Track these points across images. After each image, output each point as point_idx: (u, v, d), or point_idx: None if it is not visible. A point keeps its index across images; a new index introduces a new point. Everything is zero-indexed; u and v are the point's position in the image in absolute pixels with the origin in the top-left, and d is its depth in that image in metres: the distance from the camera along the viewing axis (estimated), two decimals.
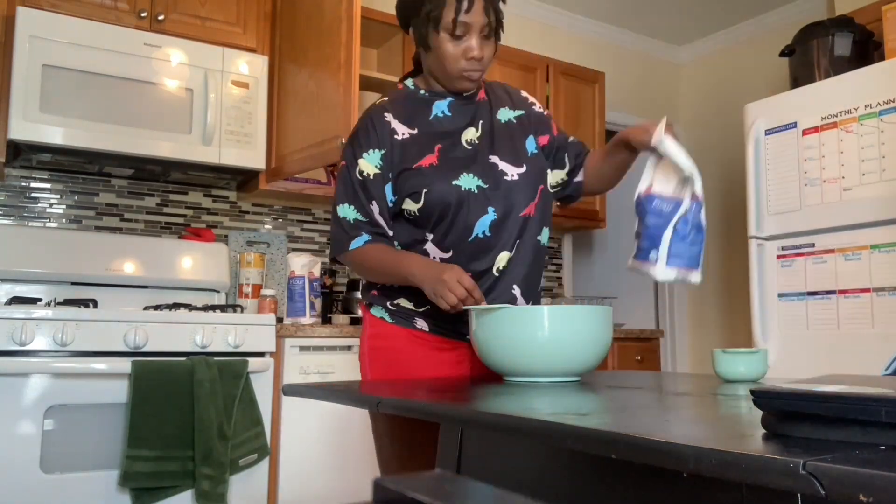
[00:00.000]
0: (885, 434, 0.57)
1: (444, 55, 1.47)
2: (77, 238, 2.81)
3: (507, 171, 1.55)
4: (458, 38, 1.46)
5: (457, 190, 1.48)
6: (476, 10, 1.44)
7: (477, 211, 1.50)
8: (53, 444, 2.21)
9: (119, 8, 2.74)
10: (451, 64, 1.48)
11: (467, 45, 1.46)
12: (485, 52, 1.49)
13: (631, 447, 0.63)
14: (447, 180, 1.49)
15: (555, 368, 1.28)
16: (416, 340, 1.54)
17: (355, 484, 2.69)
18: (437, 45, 1.47)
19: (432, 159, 1.51)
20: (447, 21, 1.44)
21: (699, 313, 4.56)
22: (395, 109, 1.55)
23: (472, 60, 1.48)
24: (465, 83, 1.52)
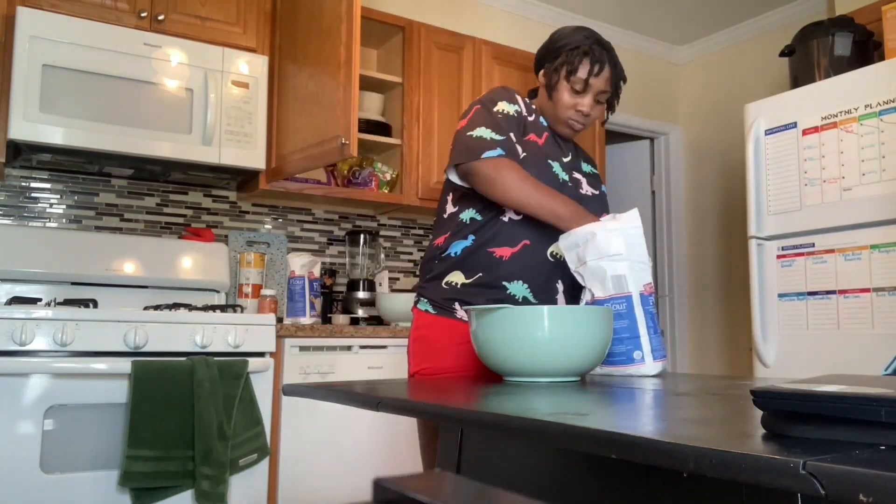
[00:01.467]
0: (885, 434, 0.57)
1: (560, 101, 1.69)
2: (77, 238, 2.82)
3: (583, 185, 1.76)
4: (578, 93, 1.68)
5: (549, 167, 1.65)
6: (603, 77, 1.69)
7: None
8: (53, 444, 2.21)
9: (119, 8, 2.74)
10: (562, 110, 1.70)
11: (582, 100, 1.69)
12: (593, 112, 1.71)
13: (631, 447, 0.63)
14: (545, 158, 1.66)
15: (555, 368, 1.28)
16: (455, 329, 1.62)
17: (355, 484, 2.69)
18: (559, 91, 1.68)
19: (540, 141, 1.70)
20: (577, 77, 1.67)
21: (699, 313, 4.56)
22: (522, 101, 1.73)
23: (580, 114, 1.69)
24: (566, 130, 1.73)
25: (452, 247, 1.66)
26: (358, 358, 2.76)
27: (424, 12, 3.82)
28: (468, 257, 1.64)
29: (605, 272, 1.45)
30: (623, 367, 1.44)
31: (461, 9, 3.97)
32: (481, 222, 1.64)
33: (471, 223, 1.65)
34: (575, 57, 1.66)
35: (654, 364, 1.42)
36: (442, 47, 3.44)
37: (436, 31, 3.43)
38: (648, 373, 1.42)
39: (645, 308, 1.43)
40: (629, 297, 1.43)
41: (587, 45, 1.67)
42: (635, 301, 1.43)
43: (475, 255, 1.64)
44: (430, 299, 1.67)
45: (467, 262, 1.64)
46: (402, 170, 3.34)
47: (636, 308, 1.43)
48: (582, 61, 1.66)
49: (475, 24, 3.99)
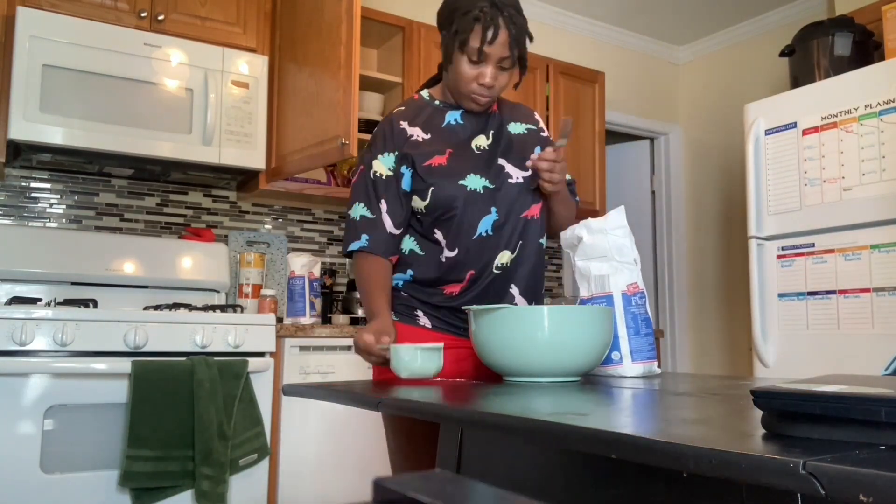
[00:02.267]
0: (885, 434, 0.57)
1: (460, 74, 1.55)
2: (77, 238, 2.81)
3: (512, 174, 1.62)
4: (476, 63, 1.53)
5: (462, 189, 1.55)
6: (499, 42, 1.51)
7: (480, 210, 1.56)
8: (53, 444, 2.21)
9: (119, 8, 2.74)
10: (463, 84, 1.56)
11: (482, 70, 1.54)
12: (497, 82, 1.56)
13: (631, 447, 0.63)
14: (454, 180, 1.55)
15: (555, 368, 1.28)
16: (418, 337, 1.57)
17: (355, 484, 2.69)
18: (457, 64, 1.54)
19: (441, 160, 1.58)
20: (470, 47, 1.51)
21: (699, 313, 4.56)
22: (410, 117, 1.63)
23: (482, 87, 1.55)
24: (472, 104, 1.60)
25: (395, 276, 1.63)
26: (358, 358, 2.76)
27: (424, 12, 3.82)
28: (414, 287, 1.60)
29: (590, 272, 1.46)
30: (602, 367, 1.45)
31: None
32: (423, 258, 1.59)
33: (410, 256, 1.61)
34: (465, 24, 1.49)
35: (633, 366, 1.41)
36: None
37: (436, 31, 3.42)
38: (626, 374, 1.42)
39: (627, 308, 1.43)
40: (610, 296, 1.43)
41: (478, 9, 1.49)
42: (616, 301, 1.43)
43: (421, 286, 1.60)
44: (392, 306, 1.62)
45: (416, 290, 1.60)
46: None
47: (616, 308, 1.43)
48: (473, 28, 1.49)
49: None
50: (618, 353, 1.42)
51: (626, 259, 1.45)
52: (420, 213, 1.58)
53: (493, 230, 1.57)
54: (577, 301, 1.52)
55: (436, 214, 1.56)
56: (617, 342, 1.43)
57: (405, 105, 1.67)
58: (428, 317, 1.59)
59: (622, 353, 1.42)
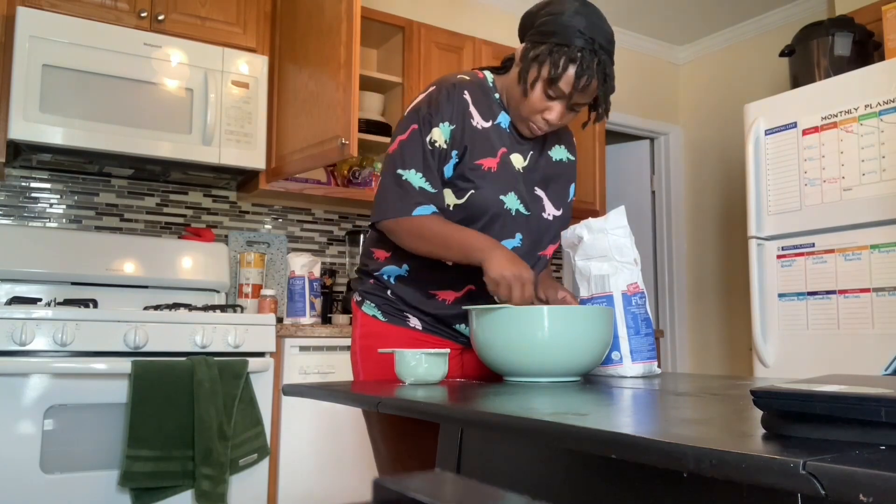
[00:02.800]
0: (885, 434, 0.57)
1: (530, 102, 1.44)
2: (77, 238, 2.82)
3: (547, 208, 1.55)
4: (552, 98, 1.43)
5: (500, 205, 1.46)
6: (587, 91, 1.41)
7: (507, 232, 1.48)
8: (53, 444, 2.21)
9: (119, 8, 2.74)
10: (527, 111, 1.46)
11: (552, 106, 1.44)
12: (562, 122, 1.47)
13: (631, 447, 0.63)
14: (497, 192, 1.46)
15: (555, 368, 1.28)
16: (408, 339, 1.53)
17: (355, 484, 2.69)
18: (531, 90, 1.43)
19: (493, 163, 1.47)
20: (557, 87, 1.40)
21: (699, 313, 4.56)
22: (474, 94, 1.49)
23: (546, 122, 1.46)
24: (525, 130, 1.50)
25: (386, 270, 1.54)
26: None
27: (424, 12, 3.82)
28: (405, 287, 1.52)
29: (590, 272, 1.46)
30: (602, 367, 1.45)
31: (461, 9, 3.97)
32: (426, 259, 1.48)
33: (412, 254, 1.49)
34: (560, 58, 1.37)
35: (634, 366, 1.41)
36: (442, 47, 3.44)
37: (436, 31, 3.43)
38: (627, 374, 1.42)
39: (627, 308, 1.43)
40: (610, 296, 1.43)
41: (577, 49, 1.37)
42: (616, 301, 1.43)
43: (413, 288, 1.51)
44: (378, 304, 1.54)
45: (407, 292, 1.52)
46: None
47: (616, 308, 1.43)
48: (566, 69, 1.38)
49: (475, 24, 3.99)
50: (618, 353, 1.42)
51: (626, 259, 1.45)
52: (447, 207, 1.46)
53: None
54: (578, 301, 1.52)
55: (462, 216, 1.46)
56: (617, 342, 1.43)
57: (470, 77, 1.52)
58: (418, 318, 1.54)
59: (622, 353, 1.42)
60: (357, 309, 1.60)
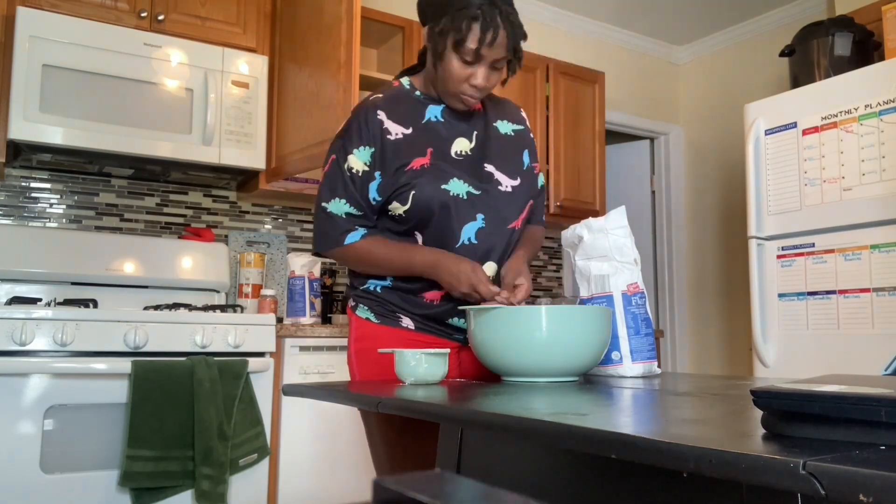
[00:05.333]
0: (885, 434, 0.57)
1: (450, 73, 1.46)
2: (77, 238, 2.81)
3: (502, 181, 1.55)
4: (469, 63, 1.44)
5: (445, 194, 1.47)
6: (497, 44, 1.42)
7: (464, 217, 1.49)
8: (53, 444, 2.21)
9: (119, 8, 2.74)
10: (453, 83, 1.47)
11: (474, 71, 1.45)
12: (489, 82, 1.48)
13: (631, 447, 0.63)
14: (437, 183, 1.47)
15: (553, 368, 1.28)
16: (401, 340, 1.53)
17: (355, 484, 2.69)
18: (447, 61, 1.45)
19: (424, 161, 1.49)
20: (466, 48, 1.42)
21: (699, 313, 4.56)
22: (389, 107, 1.52)
23: (474, 87, 1.47)
24: (458, 104, 1.52)
25: (371, 282, 1.56)
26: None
27: None
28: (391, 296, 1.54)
29: (590, 272, 1.46)
30: (602, 367, 1.45)
31: None
32: None
33: None
34: (462, 21, 1.39)
35: (634, 366, 1.41)
36: None
37: None
38: (627, 374, 1.42)
39: (627, 308, 1.43)
40: (610, 296, 1.43)
41: (475, 6, 1.39)
42: (616, 301, 1.43)
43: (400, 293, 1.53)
44: (370, 306, 1.56)
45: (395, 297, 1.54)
46: None
47: (616, 308, 1.43)
48: (471, 27, 1.39)
49: None
50: (618, 353, 1.42)
51: (626, 259, 1.45)
52: (400, 216, 1.49)
53: (478, 238, 1.50)
54: (578, 301, 1.51)
55: (416, 219, 1.48)
56: (617, 342, 1.43)
57: (383, 93, 1.55)
58: (410, 318, 1.54)
59: (622, 353, 1.42)
60: (351, 313, 1.61)
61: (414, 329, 1.54)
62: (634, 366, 1.42)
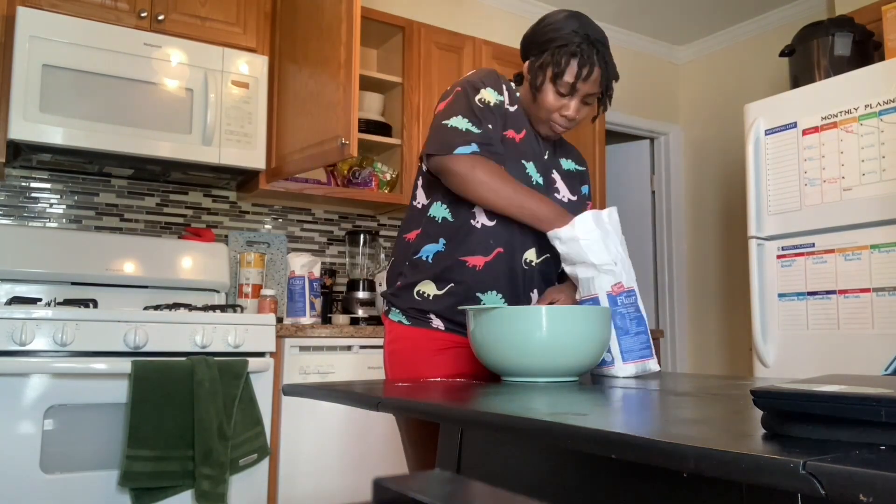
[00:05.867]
0: (885, 434, 0.57)
1: (544, 103, 1.56)
2: (77, 238, 2.81)
3: (560, 189, 1.66)
4: (563, 95, 1.55)
5: (522, 170, 1.57)
6: (592, 80, 1.54)
7: None
8: (53, 444, 2.21)
9: (119, 8, 2.74)
10: (545, 112, 1.58)
11: (567, 103, 1.56)
12: (579, 115, 1.59)
13: (631, 447, 0.63)
14: (519, 160, 1.57)
15: (553, 368, 1.28)
16: (432, 340, 1.57)
17: (355, 484, 2.69)
18: (543, 92, 1.56)
19: (519, 137, 1.60)
20: (563, 81, 1.53)
21: (699, 313, 4.56)
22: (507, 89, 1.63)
23: (564, 118, 1.58)
24: (548, 131, 1.62)
25: (424, 250, 1.58)
26: (358, 358, 2.76)
27: (424, 12, 3.82)
28: (439, 264, 1.56)
29: (577, 276, 1.46)
30: (595, 368, 1.45)
31: (461, 9, 3.97)
32: (454, 224, 1.55)
33: (443, 224, 1.56)
34: (561, 57, 1.51)
35: (625, 366, 1.41)
36: (442, 47, 3.44)
37: (436, 31, 3.43)
38: (618, 374, 1.42)
39: (613, 309, 1.42)
40: (595, 298, 1.43)
41: (575, 45, 1.51)
42: (602, 303, 1.42)
43: (446, 261, 1.55)
44: (403, 309, 1.60)
45: (439, 270, 1.56)
46: (402, 170, 3.34)
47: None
48: (569, 63, 1.51)
49: (475, 24, 3.99)
50: (609, 354, 1.42)
51: (603, 262, 1.43)
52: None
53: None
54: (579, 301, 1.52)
55: None
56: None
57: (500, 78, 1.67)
58: (440, 319, 1.57)
59: (613, 354, 1.42)
60: (385, 318, 1.66)
61: (444, 330, 1.57)
62: (626, 366, 1.41)
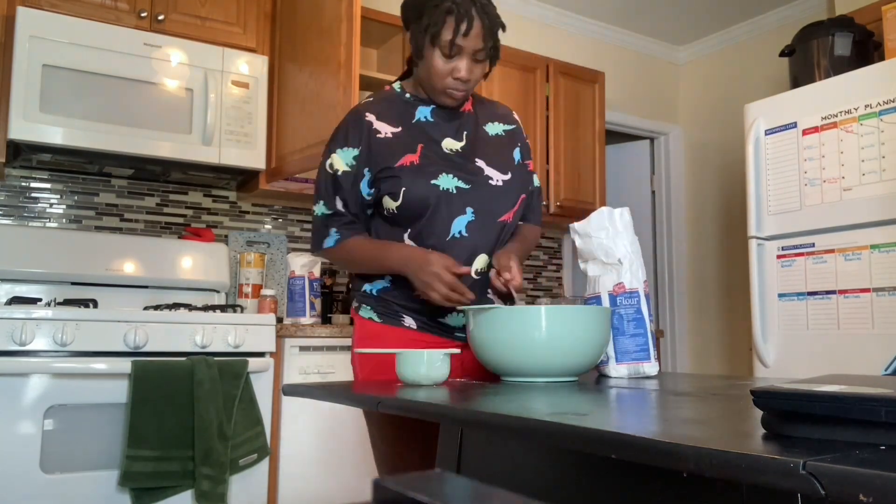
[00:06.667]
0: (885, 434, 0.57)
1: (433, 70, 1.50)
2: (77, 238, 2.81)
3: (492, 175, 1.58)
4: (450, 57, 1.48)
5: (435, 189, 1.51)
6: (473, 34, 1.46)
7: (454, 211, 1.52)
8: (53, 444, 2.21)
9: (119, 8, 2.74)
10: (437, 79, 1.51)
11: (456, 64, 1.49)
12: (473, 74, 1.51)
13: (631, 447, 0.63)
14: (426, 179, 1.51)
15: (552, 369, 1.28)
16: (404, 339, 1.54)
17: (355, 484, 2.69)
18: (429, 58, 1.49)
19: (413, 158, 1.53)
20: (443, 40, 1.46)
21: (699, 313, 4.56)
22: (379, 109, 1.57)
23: (458, 81, 1.50)
24: (447, 100, 1.55)
25: (368, 286, 1.59)
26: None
27: None
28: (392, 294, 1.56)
29: (587, 273, 1.47)
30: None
31: None
32: None
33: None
34: (437, 16, 1.44)
35: (618, 367, 1.41)
36: None
37: None
38: (611, 374, 1.42)
39: (613, 309, 1.42)
40: (598, 297, 1.44)
41: (448, 1, 1.43)
42: (604, 302, 1.43)
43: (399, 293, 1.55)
44: (373, 307, 1.58)
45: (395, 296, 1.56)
46: None
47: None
48: (445, 21, 1.44)
49: None
50: (605, 353, 1.42)
51: (611, 260, 1.45)
52: (391, 213, 1.52)
53: (468, 231, 1.52)
54: (581, 301, 1.52)
55: (408, 214, 1.51)
56: None
57: (374, 97, 1.61)
58: (413, 318, 1.55)
59: (608, 354, 1.43)
60: (355, 314, 1.63)
61: (416, 329, 1.55)
62: (619, 367, 1.42)
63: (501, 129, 1.67)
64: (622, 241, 1.46)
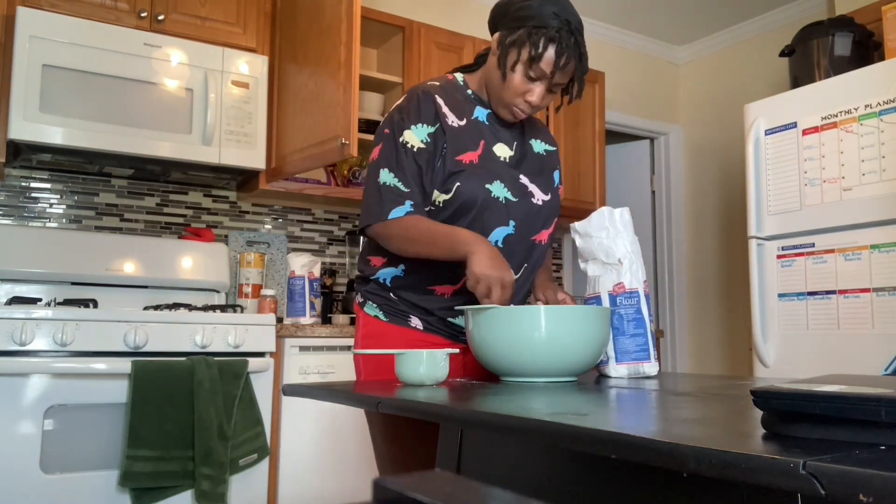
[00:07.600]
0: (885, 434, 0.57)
1: (510, 84, 1.48)
2: (77, 238, 2.81)
3: (535, 193, 1.58)
4: (532, 80, 1.47)
5: (487, 194, 1.49)
6: (566, 70, 1.46)
7: (498, 219, 1.51)
8: (53, 444, 2.21)
9: (119, 8, 2.74)
10: (508, 94, 1.50)
11: (533, 88, 1.48)
12: (543, 102, 1.51)
13: (631, 447, 0.63)
14: (482, 182, 1.49)
15: (552, 369, 1.28)
16: (409, 339, 1.53)
17: (355, 484, 2.69)
18: (510, 74, 1.47)
19: (474, 156, 1.51)
20: (538, 66, 1.44)
21: (699, 313, 4.56)
22: (445, 95, 1.54)
23: (528, 104, 1.50)
24: (508, 115, 1.54)
25: (382, 273, 1.56)
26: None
27: (424, 12, 3.82)
28: (402, 287, 1.54)
29: (588, 273, 1.48)
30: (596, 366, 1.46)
31: (461, 9, 3.97)
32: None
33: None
34: (539, 39, 1.42)
35: (618, 367, 1.41)
36: (442, 47, 3.44)
37: (436, 31, 3.43)
38: (611, 374, 1.42)
39: (612, 309, 1.43)
40: (598, 297, 1.44)
41: (554, 29, 1.42)
42: (604, 302, 1.43)
43: (410, 286, 1.53)
44: (380, 305, 1.56)
45: (404, 292, 1.54)
46: None
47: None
48: (547, 48, 1.42)
49: (475, 24, 3.99)
50: (604, 353, 1.42)
51: (611, 260, 1.45)
52: (436, 204, 1.49)
53: (504, 244, 1.52)
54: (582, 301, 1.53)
55: (452, 210, 1.48)
56: None
57: (439, 81, 1.58)
58: (419, 318, 1.54)
59: (608, 354, 1.43)
60: (359, 310, 1.61)
61: (422, 329, 1.54)
62: (618, 367, 1.42)
63: (544, 148, 1.67)
64: (622, 241, 1.46)
